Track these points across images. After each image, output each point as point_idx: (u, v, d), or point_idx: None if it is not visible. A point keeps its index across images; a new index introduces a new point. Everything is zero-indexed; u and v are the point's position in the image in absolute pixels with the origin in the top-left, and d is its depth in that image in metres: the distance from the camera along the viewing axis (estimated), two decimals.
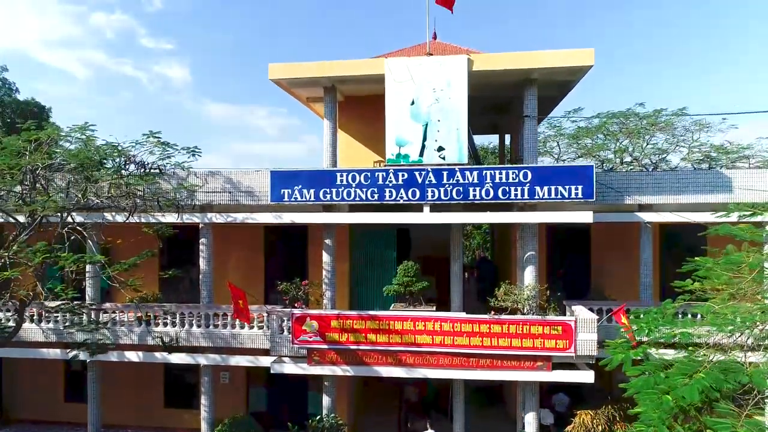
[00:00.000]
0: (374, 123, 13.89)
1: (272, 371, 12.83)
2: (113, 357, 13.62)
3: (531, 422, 12.72)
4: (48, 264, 10.10)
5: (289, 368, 12.79)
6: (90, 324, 10.74)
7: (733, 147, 24.34)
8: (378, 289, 14.35)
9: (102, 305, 13.86)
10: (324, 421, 12.85)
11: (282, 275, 14.36)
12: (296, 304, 13.23)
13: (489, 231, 28.89)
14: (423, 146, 12.32)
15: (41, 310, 13.49)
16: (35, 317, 13.78)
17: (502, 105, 16.84)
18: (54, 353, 14.01)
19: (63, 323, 12.66)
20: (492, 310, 12.21)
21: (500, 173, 11.94)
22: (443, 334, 12.07)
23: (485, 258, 27.45)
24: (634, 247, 13.72)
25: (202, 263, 13.82)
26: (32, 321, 13.80)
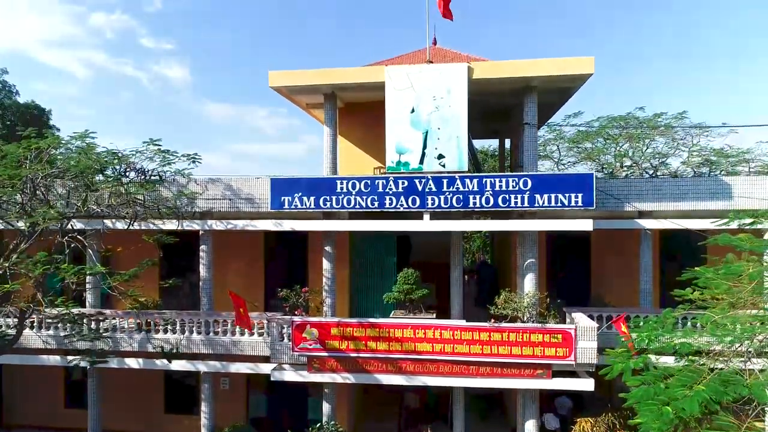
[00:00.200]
0: (374, 129, 13.91)
1: (272, 379, 12.83)
2: (113, 364, 13.62)
3: (531, 429, 12.72)
4: (48, 274, 10.10)
5: (290, 376, 12.80)
6: (90, 333, 10.74)
7: (733, 151, 24.37)
8: (378, 295, 14.35)
9: (102, 311, 13.87)
10: (324, 428, 12.85)
11: (282, 281, 14.36)
12: (296, 312, 13.24)
13: (489, 234, 28.90)
14: (423, 154, 12.33)
15: (41, 317, 13.49)
16: (35, 324, 13.78)
17: (503, 110, 16.85)
18: (54, 360, 14.03)
19: (63, 332, 12.63)
20: (492, 318, 12.22)
21: (500, 181, 11.95)
22: (443, 342, 12.07)
23: (485, 261, 27.47)
24: (635, 254, 13.73)
25: (202, 270, 13.83)
26: (32, 328, 13.80)
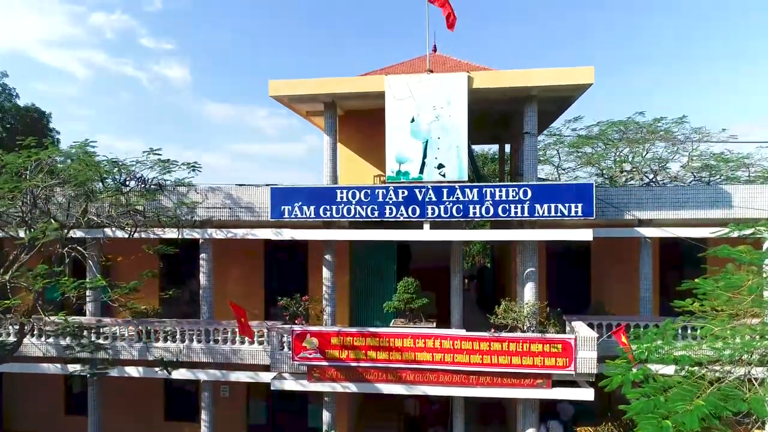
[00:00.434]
0: (374, 137, 13.91)
1: (272, 388, 12.84)
2: (114, 372, 13.62)
3: None
4: (48, 288, 10.11)
5: (290, 385, 12.80)
6: (90, 345, 10.75)
7: (733, 156, 24.37)
8: (379, 302, 14.36)
9: (102, 320, 13.87)
10: None
11: (282, 289, 14.37)
12: (296, 321, 13.24)
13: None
14: (423, 163, 12.34)
15: (41, 326, 13.49)
16: (35, 333, 13.78)
17: (503, 117, 16.88)
18: (54, 368, 14.03)
19: (64, 344, 12.61)
20: (492, 328, 12.22)
21: (500, 191, 11.96)
22: (443, 352, 12.08)
23: (485, 266, 27.51)
24: (635, 261, 13.74)
25: (203, 278, 13.83)
26: (32, 336, 13.80)
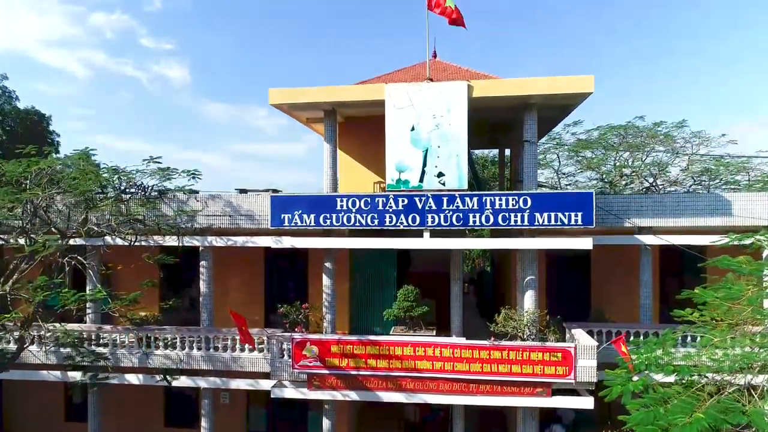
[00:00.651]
0: (374, 144, 13.90)
1: (272, 396, 12.85)
2: (114, 380, 13.62)
3: None
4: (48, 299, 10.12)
5: (290, 393, 12.81)
6: (90, 356, 10.77)
7: (733, 160, 24.38)
8: (379, 308, 14.37)
9: (102, 327, 13.88)
10: None
11: (282, 296, 14.37)
12: (296, 328, 13.24)
13: None
14: (423, 172, 12.34)
15: (42, 334, 13.48)
16: (35, 340, 13.77)
17: (503, 123, 16.88)
18: (54, 376, 14.03)
19: (64, 353, 12.59)
20: (492, 336, 12.24)
21: (500, 199, 11.97)
22: (443, 360, 12.09)
23: (485, 269, 27.53)
24: (635, 268, 13.76)
25: (203, 286, 13.84)
26: (32, 343, 13.79)
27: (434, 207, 12.10)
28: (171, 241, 13.14)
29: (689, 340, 11.90)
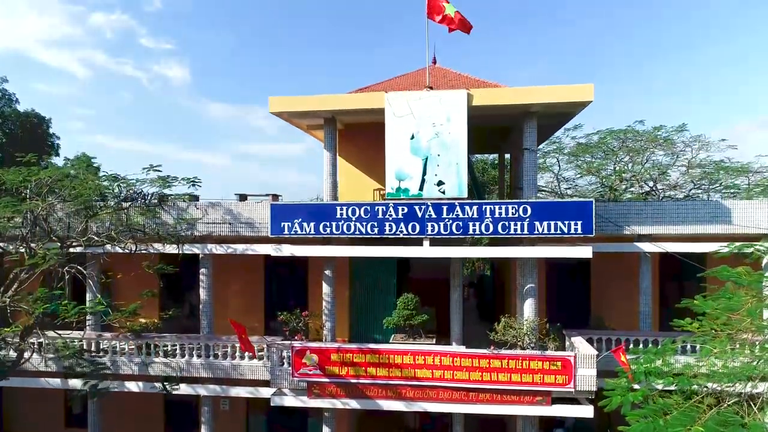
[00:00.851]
0: (374, 150, 13.89)
1: (272, 404, 12.85)
2: (114, 387, 13.62)
3: None
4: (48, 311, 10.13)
5: (290, 401, 12.81)
6: (90, 366, 10.78)
7: (733, 165, 24.39)
8: (378, 316, 14.38)
9: (102, 335, 13.88)
10: None
11: (282, 303, 14.37)
12: (296, 336, 13.24)
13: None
14: (423, 180, 12.35)
15: (41, 341, 13.47)
16: (35, 349, 13.76)
17: (503, 128, 16.89)
18: (54, 383, 14.03)
19: (64, 363, 12.55)
20: (492, 345, 12.24)
21: (500, 208, 11.97)
22: (443, 369, 12.09)
23: (485, 273, 27.52)
24: (635, 275, 13.77)
25: (202, 293, 13.84)
26: (33, 354, 13.78)
27: (434, 215, 12.11)
28: (171, 249, 13.14)
29: (689, 350, 11.90)
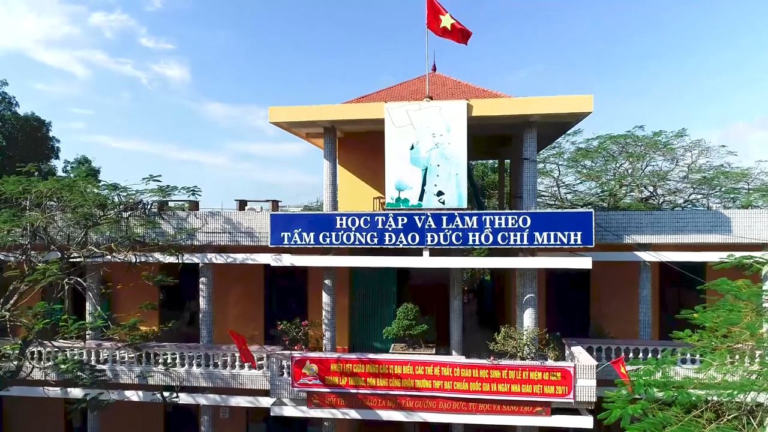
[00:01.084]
0: (374, 158, 13.91)
1: (272, 414, 12.85)
2: (114, 396, 13.61)
3: None
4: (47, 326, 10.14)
5: (289, 411, 12.80)
6: (90, 377, 10.78)
7: (732, 170, 24.40)
8: (378, 324, 14.39)
9: (102, 344, 13.88)
10: None
11: (282, 311, 14.37)
12: (296, 347, 13.24)
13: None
14: (422, 191, 12.34)
15: (41, 350, 13.49)
16: (35, 356, 13.78)
17: (503, 137, 16.91)
18: (54, 392, 14.01)
19: (65, 375, 12.56)
20: (492, 355, 12.23)
21: (499, 219, 11.97)
22: (443, 379, 12.09)
23: (484, 278, 27.51)
24: (634, 284, 13.78)
25: (202, 303, 13.85)
26: (32, 359, 13.79)
27: (434, 226, 12.11)
28: (171, 259, 13.14)
29: (689, 360, 11.90)
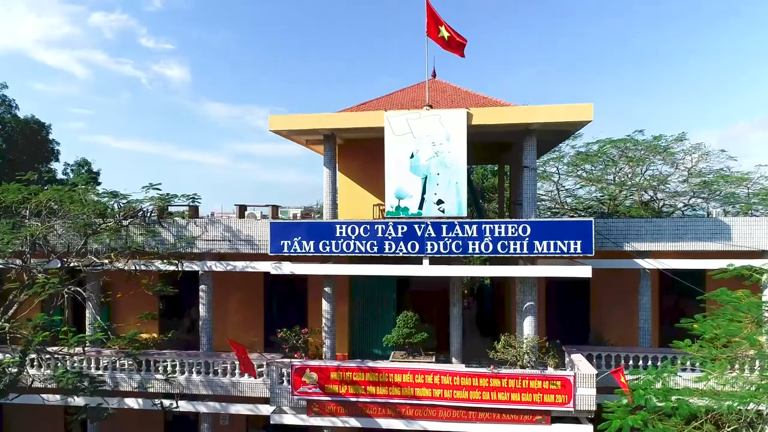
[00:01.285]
0: (374, 166, 13.89)
1: (272, 422, 12.85)
2: (113, 404, 13.60)
3: None
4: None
5: (289, 419, 12.81)
6: (90, 386, 10.78)
7: (732, 175, 24.40)
8: (378, 331, 14.38)
9: (101, 352, 13.86)
10: None
11: (282, 319, 14.36)
12: (295, 354, 13.24)
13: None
14: (422, 199, 12.34)
15: (41, 357, 13.46)
16: (35, 364, 13.77)
17: (503, 143, 16.91)
18: (54, 399, 13.99)
19: (65, 384, 12.57)
20: (491, 364, 12.24)
21: (499, 227, 11.97)
22: (443, 388, 12.09)
23: (484, 283, 27.47)
24: (634, 291, 13.79)
25: (202, 310, 13.84)
26: (32, 366, 13.79)
27: (434, 234, 12.11)
28: (171, 267, 13.13)
29: (688, 368, 11.90)
